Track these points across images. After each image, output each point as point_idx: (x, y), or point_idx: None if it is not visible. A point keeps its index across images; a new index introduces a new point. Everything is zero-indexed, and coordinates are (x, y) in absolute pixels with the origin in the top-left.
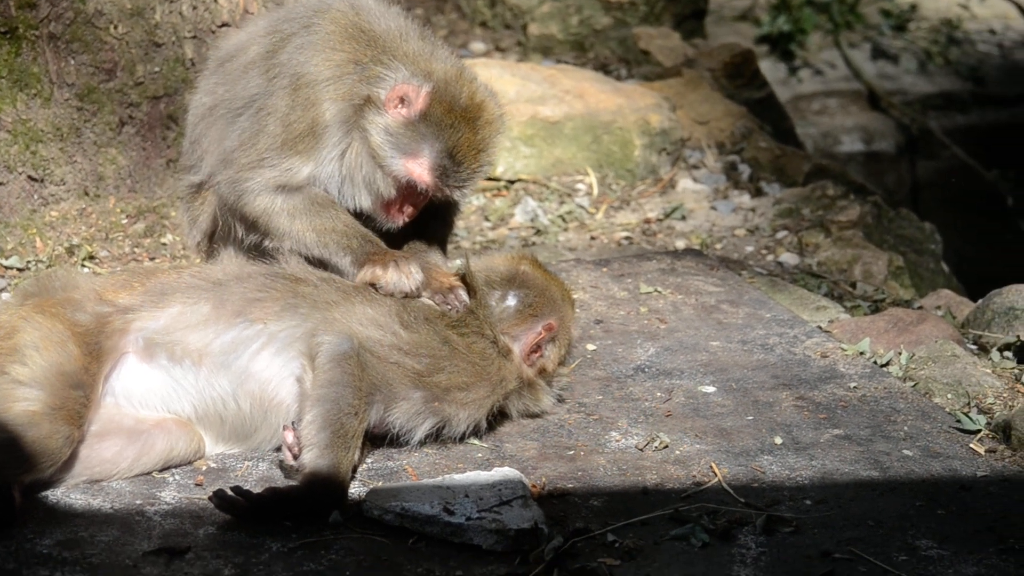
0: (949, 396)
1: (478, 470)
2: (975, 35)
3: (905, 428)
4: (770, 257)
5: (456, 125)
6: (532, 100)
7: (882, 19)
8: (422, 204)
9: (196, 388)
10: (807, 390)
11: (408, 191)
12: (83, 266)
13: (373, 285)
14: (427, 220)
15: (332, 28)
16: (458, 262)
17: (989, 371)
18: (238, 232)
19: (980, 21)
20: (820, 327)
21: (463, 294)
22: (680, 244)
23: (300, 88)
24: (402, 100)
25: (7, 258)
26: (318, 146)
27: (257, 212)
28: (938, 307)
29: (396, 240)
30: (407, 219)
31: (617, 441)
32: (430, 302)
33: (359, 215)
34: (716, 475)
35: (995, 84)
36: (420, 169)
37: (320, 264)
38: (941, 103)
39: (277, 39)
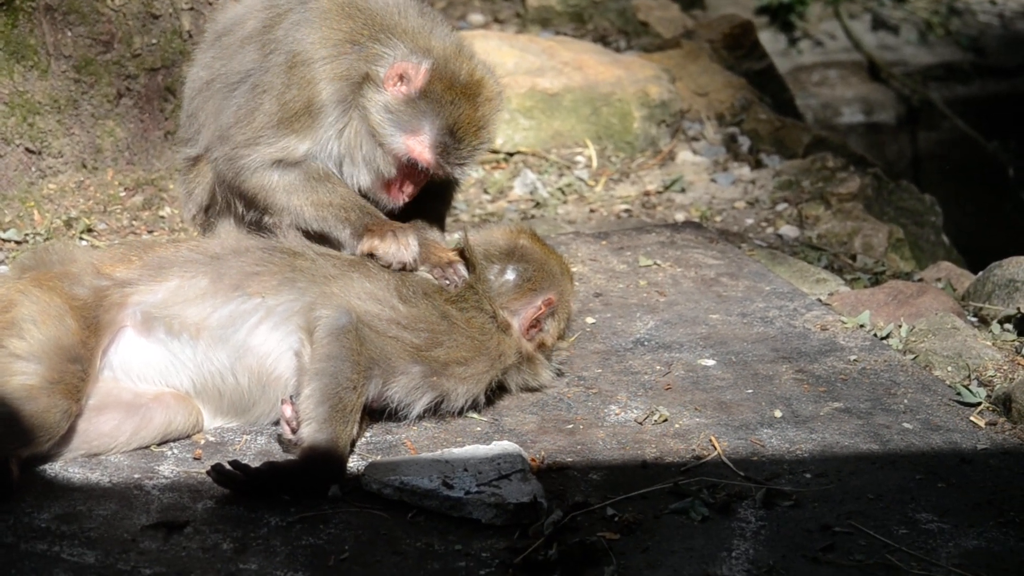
0: (949, 369)
1: (477, 444)
2: (975, 5)
3: (905, 401)
4: (770, 229)
5: (456, 102)
6: (531, 72)
7: None
8: (422, 183)
9: (194, 362)
10: (807, 363)
11: (408, 169)
12: (81, 239)
13: (372, 255)
14: (426, 198)
15: (328, 5)
16: (456, 236)
17: (989, 343)
18: (238, 208)
19: None
20: (820, 300)
21: (462, 269)
22: (679, 217)
23: (296, 67)
24: (401, 78)
25: (5, 231)
26: (315, 125)
27: (255, 189)
28: (938, 279)
29: (395, 217)
30: (407, 198)
31: (616, 415)
32: (429, 276)
33: (359, 194)
34: (716, 448)
35: (996, 55)
36: (420, 147)
37: (320, 239)
38: (942, 74)
39: (274, 13)
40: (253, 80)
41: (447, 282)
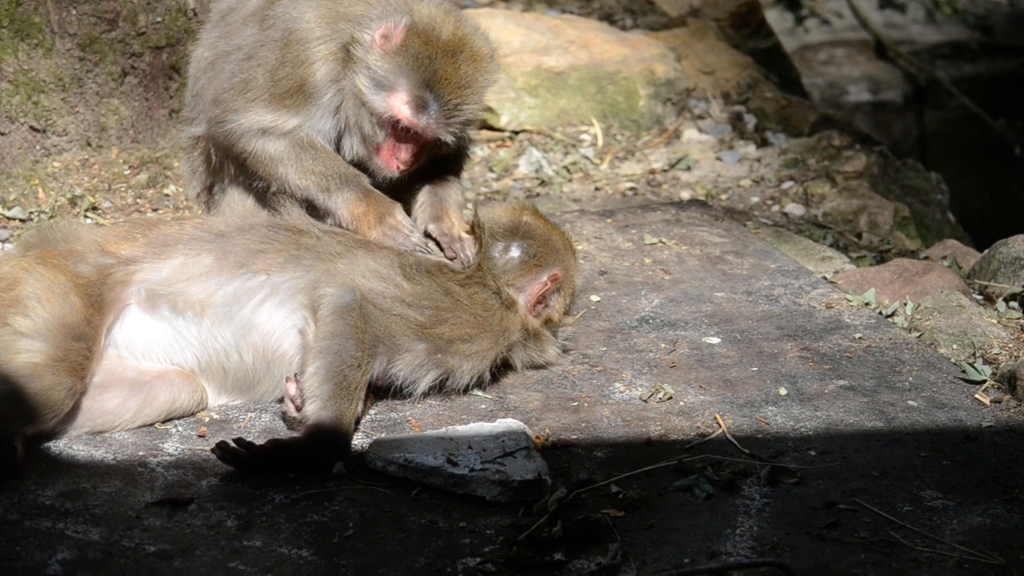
0: (954, 346)
1: (482, 421)
2: None
3: (910, 379)
4: (775, 208)
5: (434, 56)
6: (536, 50)
7: None
8: (416, 150)
9: (199, 339)
10: (812, 341)
11: (395, 130)
12: (86, 217)
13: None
14: (436, 166)
15: None
16: (466, 211)
17: (995, 321)
18: (231, 170)
19: None
20: (825, 278)
21: (468, 248)
22: (685, 195)
23: (290, 44)
24: (386, 38)
25: (9, 209)
26: (307, 104)
27: (243, 154)
28: (944, 257)
29: (403, 189)
30: (403, 166)
31: (621, 392)
32: (435, 250)
33: (358, 166)
34: (720, 426)
35: (1003, 33)
36: (399, 103)
37: (312, 207)
38: (949, 52)
39: None
40: (248, 50)
41: (452, 255)
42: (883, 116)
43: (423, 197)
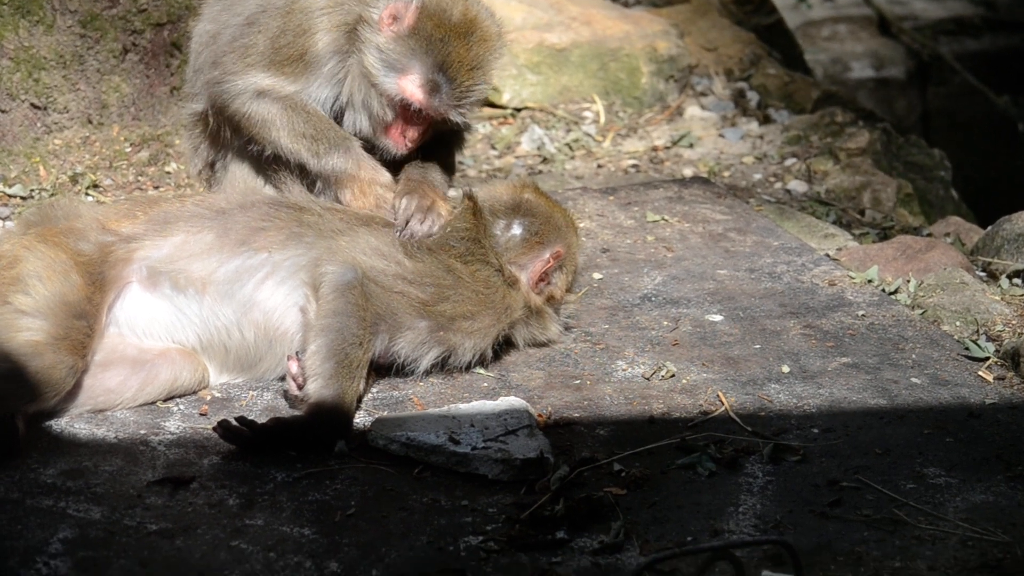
0: (957, 323)
1: (484, 400)
2: None
3: (913, 356)
4: (778, 185)
5: (446, 39)
6: (538, 27)
7: None
8: (424, 128)
9: (200, 317)
10: (815, 318)
11: (404, 111)
12: (87, 195)
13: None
14: (433, 144)
15: None
16: (460, 191)
17: (998, 298)
18: (227, 133)
19: None
20: (828, 255)
21: (437, 220)
22: (687, 172)
23: (293, 12)
24: (395, 19)
25: (10, 186)
26: (307, 72)
27: (237, 115)
28: (947, 234)
29: (400, 163)
30: (410, 144)
31: (623, 370)
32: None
33: (362, 140)
34: (723, 404)
35: (1007, 9)
36: (412, 86)
37: (303, 171)
38: (952, 28)
39: None
40: (250, 16)
41: (407, 230)
42: (886, 92)
43: (411, 169)
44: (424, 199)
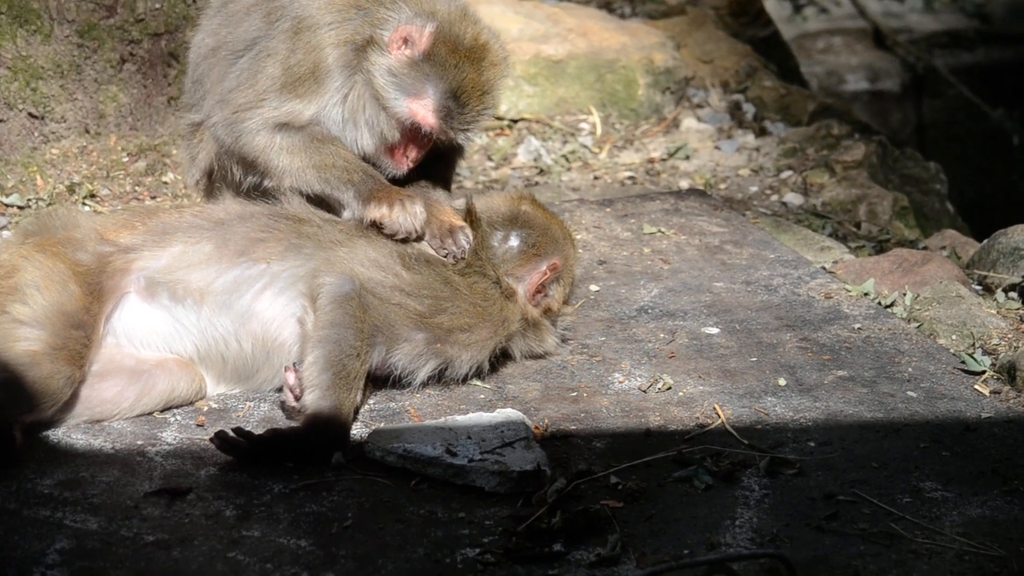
0: (954, 337)
1: (481, 411)
2: None
3: (909, 369)
4: (774, 197)
5: (460, 65)
6: (535, 38)
7: None
8: (427, 148)
9: (198, 328)
10: (811, 331)
11: (412, 133)
12: (84, 205)
13: (378, 225)
14: (430, 161)
15: None
16: (460, 202)
17: (994, 312)
18: (235, 174)
19: None
20: (824, 268)
21: (463, 238)
22: (684, 184)
23: (301, 32)
24: (405, 41)
25: (8, 196)
26: (320, 90)
27: (256, 151)
28: (943, 247)
29: (398, 183)
30: (412, 164)
31: (620, 383)
32: (428, 249)
33: (363, 160)
34: (720, 417)
35: (1001, 22)
36: (424, 110)
37: (320, 203)
38: (947, 41)
39: None
40: (258, 47)
41: (445, 252)
42: (881, 105)
43: (413, 190)
44: (443, 225)
